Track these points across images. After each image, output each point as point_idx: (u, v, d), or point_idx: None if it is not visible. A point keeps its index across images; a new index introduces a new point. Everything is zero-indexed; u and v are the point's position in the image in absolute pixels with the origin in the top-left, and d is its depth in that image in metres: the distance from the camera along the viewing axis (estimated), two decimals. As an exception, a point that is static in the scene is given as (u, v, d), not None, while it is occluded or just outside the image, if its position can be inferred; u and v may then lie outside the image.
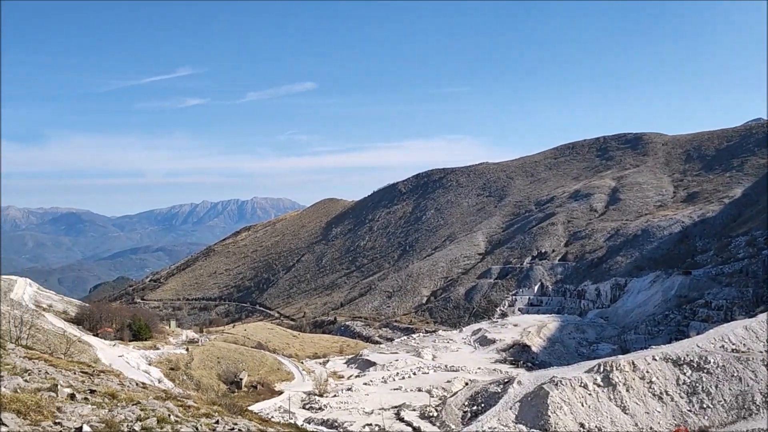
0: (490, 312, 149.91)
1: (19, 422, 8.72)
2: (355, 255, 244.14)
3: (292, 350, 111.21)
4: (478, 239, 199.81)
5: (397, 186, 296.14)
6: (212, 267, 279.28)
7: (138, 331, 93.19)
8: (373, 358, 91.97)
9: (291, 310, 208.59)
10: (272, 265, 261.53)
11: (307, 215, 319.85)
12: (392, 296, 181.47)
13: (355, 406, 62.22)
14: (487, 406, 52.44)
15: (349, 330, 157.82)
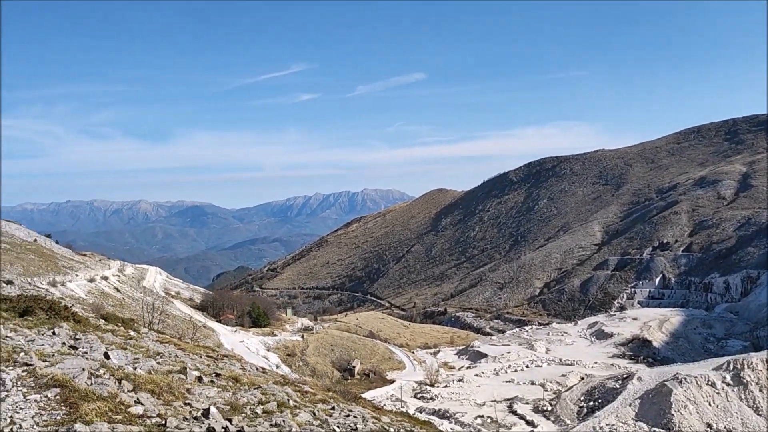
0: (607, 305, 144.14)
1: (153, 401, 9.28)
2: (465, 246, 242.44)
3: (402, 340, 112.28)
4: (593, 229, 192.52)
5: (508, 175, 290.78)
6: (325, 257, 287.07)
7: (257, 318, 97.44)
8: (484, 350, 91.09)
9: (401, 300, 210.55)
10: (382, 256, 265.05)
11: (417, 206, 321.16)
12: (504, 287, 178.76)
13: (467, 397, 61.88)
14: (604, 402, 50.54)
15: (460, 321, 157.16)
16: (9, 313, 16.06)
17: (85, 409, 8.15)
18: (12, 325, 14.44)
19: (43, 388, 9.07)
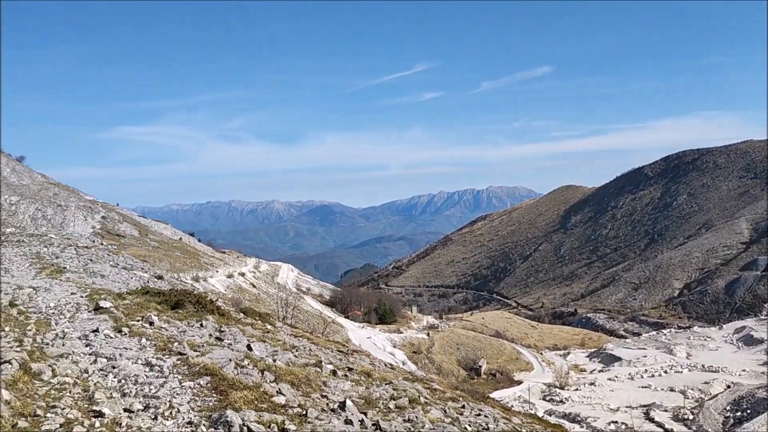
0: (757, 308, 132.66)
1: (293, 392, 9.76)
2: (597, 244, 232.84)
3: (530, 340, 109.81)
4: (740, 226, 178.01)
5: (643, 170, 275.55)
6: (450, 255, 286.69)
7: (383, 315, 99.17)
8: (618, 353, 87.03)
9: (528, 299, 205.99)
10: (509, 254, 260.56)
11: (544, 203, 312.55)
12: (639, 288, 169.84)
13: (599, 401, 59.45)
14: (753, 412, 46.66)
15: (591, 322, 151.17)
16: (162, 306, 17.44)
17: (233, 397, 8.75)
18: (165, 317, 15.70)
19: (195, 376, 9.83)
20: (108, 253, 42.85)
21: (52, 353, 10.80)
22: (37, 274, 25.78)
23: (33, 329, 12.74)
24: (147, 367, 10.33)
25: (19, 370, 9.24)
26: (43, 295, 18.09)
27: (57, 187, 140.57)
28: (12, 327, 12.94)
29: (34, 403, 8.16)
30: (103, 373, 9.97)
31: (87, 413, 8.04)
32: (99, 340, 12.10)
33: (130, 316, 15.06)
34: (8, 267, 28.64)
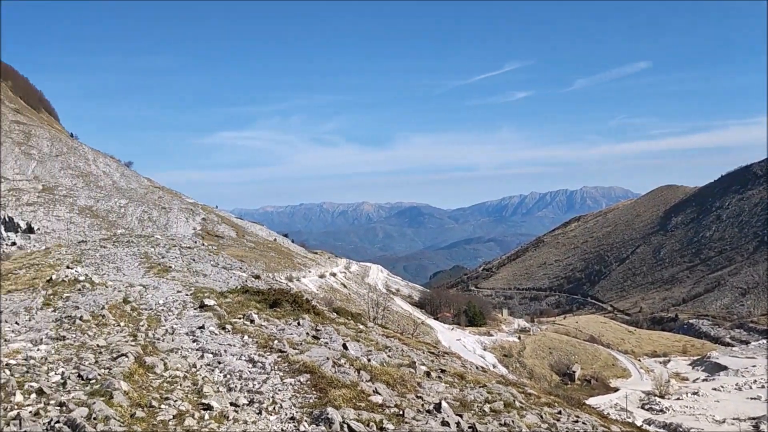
0: None
1: (389, 392, 9.89)
2: (700, 247, 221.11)
3: (627, 346, 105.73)
4: None
5: (751, 168, 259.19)
6: (542, 258, 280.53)
7: (473, 317, 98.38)
8: (723, 362, 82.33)
9: (625, 304, 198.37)
10: (604, 257, 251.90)
11: (642, 204, 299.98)
12: (747, 293, 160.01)
13: (703, 412, 56.44)
14: None
15: (693, 329, 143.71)
16: (261, 305, 18.09)
17: (333, 395, 8.99)
18: (265, 315, 16.28)
19: (296, 373, 10.16)
20: (209, 254, 44.74)
21: (163, 348, 11.46)
22: (146, 273, 27.35)
23: (145, 325, 13.58)
24: (250, 364, 10.77)
25: (134, 363, 9.89)
26: (152, 293, 19.19)
27: (161, 190, 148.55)
28: (126, 322, 13.85)
29: (149, 395, 8.71)
30: (210, 368, 10.48)
31: (197, 406, 8.50)
32: (205, 336, 12.73)
33: (232, 314, 15.72)
34: (120, 266, 30.57)
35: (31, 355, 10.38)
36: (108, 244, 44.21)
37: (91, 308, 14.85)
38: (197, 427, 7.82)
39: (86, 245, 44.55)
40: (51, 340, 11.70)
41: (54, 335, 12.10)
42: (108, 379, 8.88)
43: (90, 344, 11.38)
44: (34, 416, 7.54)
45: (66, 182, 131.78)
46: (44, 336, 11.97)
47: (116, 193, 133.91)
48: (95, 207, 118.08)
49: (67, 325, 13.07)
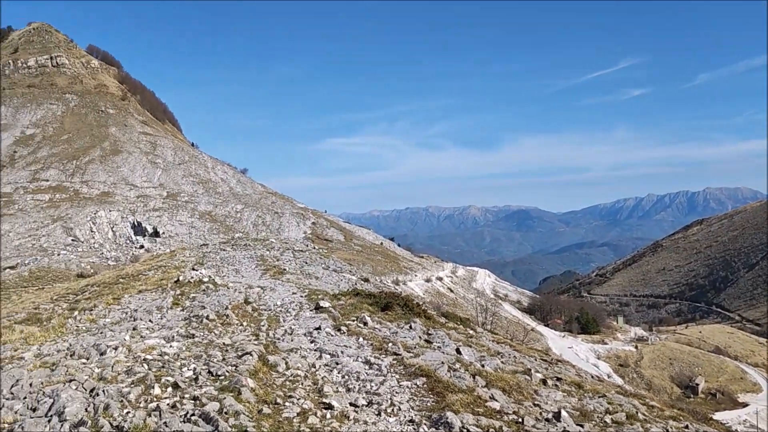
0: None
1: (505, 399, 9.76)
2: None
3: (757, 359, 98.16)
4: None
5: None
6: (660, 263, 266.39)
7: (586, 325, 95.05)
8: None
9: (755, 313, 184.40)
10: (730, 263, 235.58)
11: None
12: None
13: None
14: None
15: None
16: (373, 308, 18.37)
17: (450, 399, 8.98)
18: (377, 318, 16.53)
19: (412, 376, 10.25)
20: (319, 257, 45.98)
21: (284, 347, 11.92)
22: (263, 275, 28.54)
23: (265, 325, 14.18)
24: (366, 365, 10.97)
25: (258, 361, 10.36)
26: (270, 294, 20.00)
27: (274, 195, 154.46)
28: (248, 322, 14.52)
29: (273, 392, 9.09)
30: (328, 368, 10.79)
31: (318, 405, 8.77)
32: (322, 337, 13.11)
33: (346, 316, 16.08)
34: (239, 268, 32.08)
35: (165, 351, 11.12)
36: (227, 247, 46.54)
37: (216, 308, 15.68)
38: (320, 425, 8.07)
39: (207, 248, 47.12)
40: (181, 337, 12.47)
41: (184, 333, 12.90)
42: (235, 375, 9.36)
43: (217, 342, 12.04)
44: (171, 408, 8.09)
45: (188, 189, 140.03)
46: (175, 334, 12.78)
47: (233, 199, 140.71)
48: (214, 212, 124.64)
49: (195, 324, 13.89)
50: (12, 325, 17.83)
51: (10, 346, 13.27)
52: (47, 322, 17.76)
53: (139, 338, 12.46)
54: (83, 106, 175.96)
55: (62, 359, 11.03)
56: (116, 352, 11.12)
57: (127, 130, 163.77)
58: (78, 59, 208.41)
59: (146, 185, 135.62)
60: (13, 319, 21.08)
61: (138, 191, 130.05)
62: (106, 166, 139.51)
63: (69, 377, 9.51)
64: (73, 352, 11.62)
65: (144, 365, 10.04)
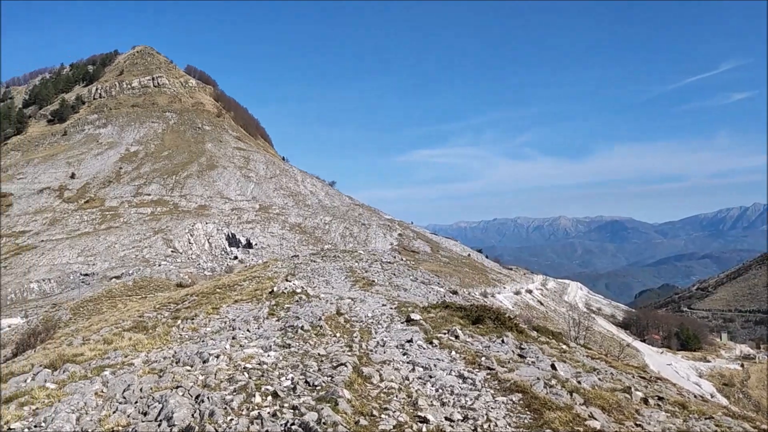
0: None
1: (605, 418, 9.43)
2: None
3: None
4: None
5: None
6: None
7: (686, 341, 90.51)
8: None
9: None
10: None
11: None
12: None
13: None
14: None
15: None
16: (464, 321, 18.23)
17: (548, 417, 8.77)
18: (468, 331, 16.39)
19: (507, 392, 10.08)
20: (407, 268, 46.10)
21: (377, 359, 12.03)
22: (352, 286, 28.93)
23: (358, 336, 14.36)
24: (460, 379, 10.89)
25: (353, 373, 10.50)
26: (360, 306, 20.26)
27: (361, 207, 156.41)
28: (341, 333, 14.77)
29: (369, 404, 9.18)
30: (422, 381, 10.78)
31: (413, 418, 8.77)
32: (414, 349, 13.13)
33: (437, 329, 16.04)
34: (329, 279, 32.65)
35: (263, 360, 11.48)
36: (317, 258, 47.50)
37: (310, 319, 16.04)
38: (417, 439, 8.08)
39: (298, 260, 48.26)
40: (278, 347, 12.84)
41: (280, 343, 13.27)
42: (332, 386, 9.54)
43: (312, 353, 12.31)
44: (272, 417, 8.34)
45: (279, 201, 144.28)
46: (272, 343, 13.17)
47: (321, 211, 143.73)
48: (303, 224, 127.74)
49: (290, 334, 14.26)
50: (121, 333, 18.94)
51: (120, 352, 14.09)
52: (153, 330, 18.72)
53: (238, 347, 12.92)
54: (182, 124, 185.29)
55: (168, 366, 11.60)
56: (218, 360, 11.58)
57: (222, 146, 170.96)
58: (177, 79, 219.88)
59: (240, 198, 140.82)
60: (121, 327, 22.38)
61: (232, 204, 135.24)
62: (203, 181, 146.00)
63: (176, 384, 10.00)
64: (178, 359, 12.21)
65: (245, 374, 10.41)
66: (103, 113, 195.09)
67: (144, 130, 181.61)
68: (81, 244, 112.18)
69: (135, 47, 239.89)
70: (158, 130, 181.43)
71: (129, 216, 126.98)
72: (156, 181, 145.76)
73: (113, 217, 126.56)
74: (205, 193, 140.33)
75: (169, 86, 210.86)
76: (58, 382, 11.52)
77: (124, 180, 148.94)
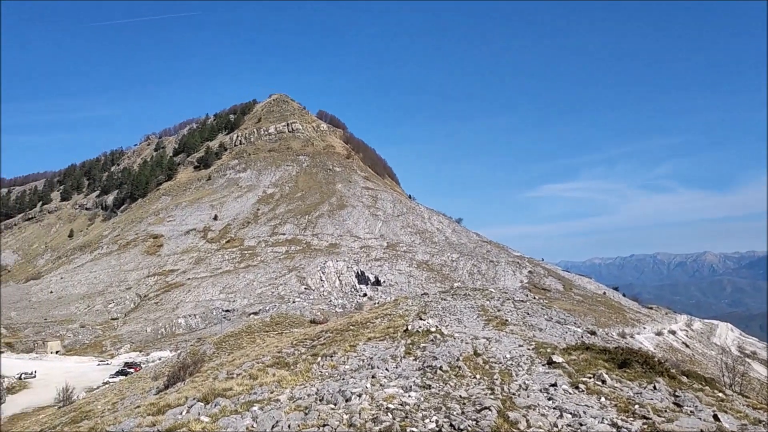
0: None
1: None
2: None
3: None
4: None
5: None
6: None
7: None
8: None
9: None
10: None
11: None
12: None
13: None
14: None
15: None
16: (609, 364, 17.22)
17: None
18: (615, 376, 15.44)
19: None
20: (541, 307, 44.63)
21: (521, 404, 11.58)
22: (485, 325, 28.37)
23: (498, 378, 13.95)
24: (614, 428, 10.21)
25: (498, 417, 10.15)
26: (496, 346, 19.75)
27: (489, 244, 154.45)
28: (481, 375, 14.42)
29: (518, 451, 8.82)
30: (571, 428, 10.20)
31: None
32: (559, 394, 12.52)
33: (580, 372, 15.27)
34: (460, 317, 32.27)
35: (404, 400, 11.42)
36: (447, 296, 47.21)
37: (447, 359, 15.83)
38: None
39: (428, 297, 48.21)
40: (418, 387, 12.74)
41: (420, 383, 13.16)
42: (477, 431, 9.27)
43: (453, 394, 12.08)
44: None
45: (406, 239, 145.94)
46: (412, 383, 13.09)
47: (448, 248, 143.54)
48: (430, 261, 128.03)
49: (429, 375, 14.12)
50: (265, 368, 19.67)
51: (266, 388, 14.60)
52: (294, 366, 19.29)
53: (378, 386, 12.96)
54: (314, 166, 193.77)
55: (313, 403, 11.84)
56: (360, 399, 11.67)
57: (351, 186, 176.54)
58: (309, 124, 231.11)
59: (368, 236, 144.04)
60: (263, 362, 23.29)
61: (361, 242, 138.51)
62: (333, 220, 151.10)
63: (322, 422, 10.16)
64: (321, 397, 12.43)
65: (388, 414, 10.38)
66: (243, 158, 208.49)
67: (279, 173, 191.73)
68: (223, 281, 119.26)
69: (271, 95, 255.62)
70: (292, 172, 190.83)
71: (265, 255, 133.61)
72: (290, 221, 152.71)
73: (251, 256, 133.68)
74: (336, 231, 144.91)
75: (302, 131, 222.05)
76: (211, 416, 12.09)
77: (261, 220, 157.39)
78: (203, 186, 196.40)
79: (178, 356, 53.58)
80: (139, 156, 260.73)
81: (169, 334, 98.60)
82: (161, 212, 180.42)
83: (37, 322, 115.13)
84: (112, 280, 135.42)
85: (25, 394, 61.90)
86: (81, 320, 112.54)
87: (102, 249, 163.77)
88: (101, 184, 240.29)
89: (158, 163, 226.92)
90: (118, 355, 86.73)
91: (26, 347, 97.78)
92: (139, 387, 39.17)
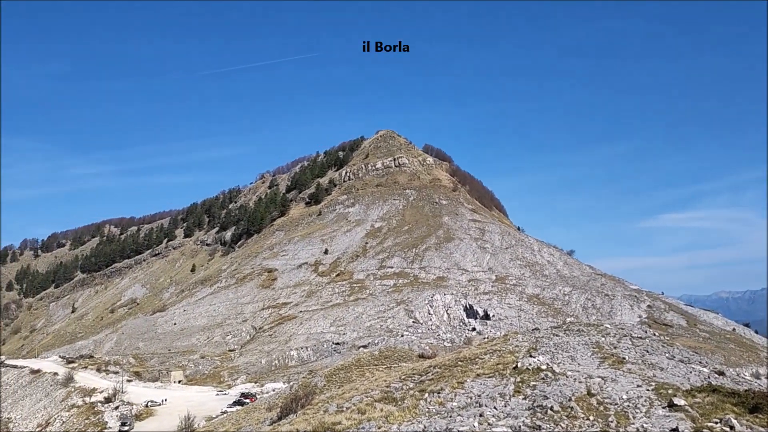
0: None
1: None
2: None
3: None
4: None
5: None
6: None
7: None
8: None
9: None
10: None
11: None
12: None
13: None
14: None
15: None
16: (738, 408, 16.01)
17: None
18: (746, 422, 14.31)
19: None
20: (662, 345, 42.16)
21: (639, 449, 10.98)
22: (600, 364, 27.11)
23: (614, 421, 13.30)
24: (745, 480, 9.46)
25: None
26: (612, 386, 18.82)
27: (603, 277, 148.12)
28: (595, 416, 13.81)
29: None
30: (695, 479, 9.56)
31: None
32: (681, 440, 11.77)
33: (705, 417, 14.28)
34: (574, 355, 31.05)
35: (513, 441, 11.13)
36: (559, 332, 45.63)
37: (559, 399, 15.30)
38: None
39: (539, 333, 46.81)
40: (528, 428, 12.40)
41: (530, 423, 12.80)
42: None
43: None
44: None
45: (515, 272, 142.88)
46: (521, 423, 12.76)
47: (560, 281, 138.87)
48: (541, 295, 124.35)
49: (539, 415, 13.70)
50: (373, 403, 19.83)
51: (374, 423, 14.71)
52: (401, 401, 19.31)
53: (486, 425, 12.74)
54: (420, 199, 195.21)
55: (420, 441, 11.79)
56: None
57: (458, 219, 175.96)
58: (415, 158, 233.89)
59: (476, 269, 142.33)
60: (371, 397, 23.47)
61: (469, 275, 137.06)
62: (441, 253, 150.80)
63: (429, 460, 10.09)
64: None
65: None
66: (352, 194, 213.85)
67: (387, 207, 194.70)
68: (333, 314, 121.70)
69: (378, 131, 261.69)
70: (399, 206, 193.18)
71: (374, 288, 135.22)
72: (398, 254, 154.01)
73: (360, 289, 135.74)
74: (443, 264, 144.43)
75: (408, 165, 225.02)
76: (321, 449, 12.32)
77: (370, 254, 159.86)
78: (314, 221, 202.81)
79: (290, 388, 54.99)
80: (255, 193, 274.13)
81: (282, 366, 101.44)
82: (275, 247, 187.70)
83: (162, 352, 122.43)
84: (230, 312, 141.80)
85: (151, 421, 65.64)
86: (201, 351, 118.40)
87: (221, 283, 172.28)
88: (220, 221, 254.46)
89: (272, 200, 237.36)
90: (235, 386, 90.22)
91: (152, 376, 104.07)
92: (255, 417, 40.53)
